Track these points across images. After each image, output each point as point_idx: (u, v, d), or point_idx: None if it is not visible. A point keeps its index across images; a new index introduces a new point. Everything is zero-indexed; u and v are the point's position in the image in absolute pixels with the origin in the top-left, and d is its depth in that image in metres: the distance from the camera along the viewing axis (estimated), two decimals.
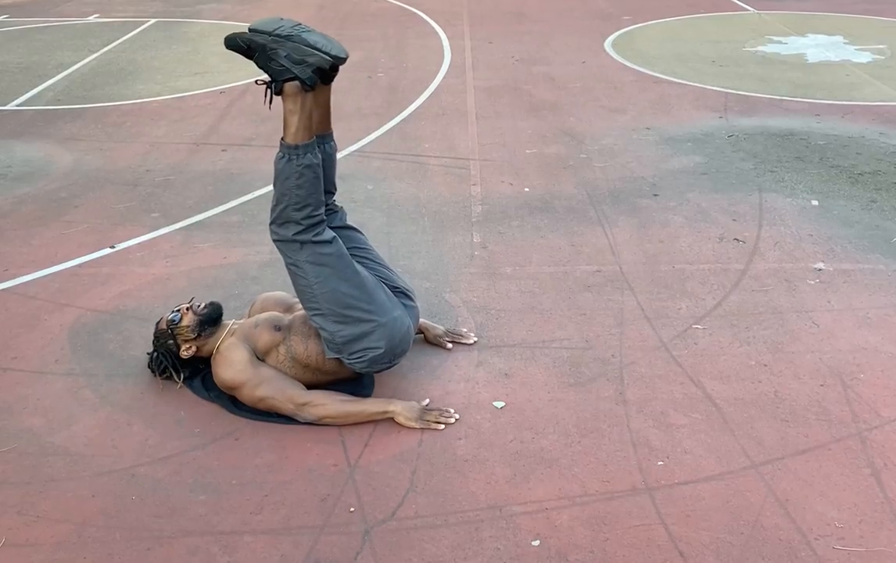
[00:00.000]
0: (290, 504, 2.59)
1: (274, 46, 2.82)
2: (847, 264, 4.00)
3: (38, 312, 3.68)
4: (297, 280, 2.96)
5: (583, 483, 2.65)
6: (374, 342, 2.95)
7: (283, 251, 2.95)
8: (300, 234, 2.89)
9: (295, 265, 2.93)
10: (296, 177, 2.86)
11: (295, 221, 2.88)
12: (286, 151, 2.88)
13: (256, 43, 2.83)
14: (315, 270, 2.90)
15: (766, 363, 3.25)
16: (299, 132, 2.87)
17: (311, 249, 2.90)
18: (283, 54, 2.81)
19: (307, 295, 2.94)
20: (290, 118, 2.87)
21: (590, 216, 4.56)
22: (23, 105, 6.69)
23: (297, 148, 2.87)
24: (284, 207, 2.88)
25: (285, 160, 2.88)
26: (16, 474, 2.73)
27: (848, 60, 7.65)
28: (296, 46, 2.82)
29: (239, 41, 2.85)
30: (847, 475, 2.67)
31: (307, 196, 2.88)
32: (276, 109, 6.79)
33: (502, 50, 8.22)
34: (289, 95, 2.86)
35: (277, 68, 2.84)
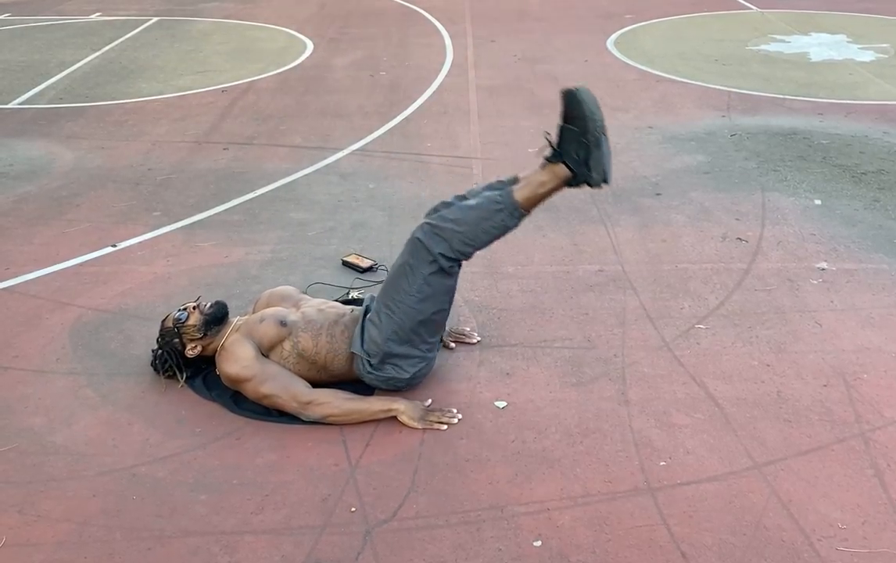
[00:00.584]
0: (291, 504, 2.58)
1: (588, 142, 2.84)
2: (850, 264, 3.98)
3: (39, 310, 3.68)
4: (400, 280, 2.95)
5: (585, 483, 2.64)
6: (408, 368, 2.99)
7: (413, 252, 2.93)
8: (444, 257, 2.90)
9: (412, 269, 2.92)
10: (493, 229, 2.91)
11: (451, 247, 2.90)
12: (511, 207, 2.90)
13: (583, 123, 2.84)
14: (423, 286, 2.91)
15: (769, 363, 3.24)
16: (530, 202, 2.92)
17: (436, 271, 2.91)
18: (586, 151, 2.84)
19: (396, 296, 2.94)
20: (536, 187, 2.91)
21: (592, 215, 4.55)
22: (24, 103, 6.69)
23: (518, 212, 2.91)
24: (456, 231, 2.89)
25: (498, 208, 2.89)
26: (17, 473, 2.73)
27: (851, 59, 7.64)
28: (598, 157, 2.86)
29: (581, 108, 2.84)
30: (850, 475, 2.66)
31: (479, 243, 2.94)
32: (277, 109, 6.80)
33: (504, 48, 8.21)
34: (554, 171, 2.89)
35: (573, 155, 2.86)
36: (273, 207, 4.72)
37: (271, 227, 4.46)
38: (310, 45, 8.44)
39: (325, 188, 4.96)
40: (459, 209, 2.95)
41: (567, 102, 2.88)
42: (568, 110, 2.88)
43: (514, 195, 2.91)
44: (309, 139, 5.80)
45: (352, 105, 6.53)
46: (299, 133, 5.93)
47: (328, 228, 4.45)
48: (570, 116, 2.87)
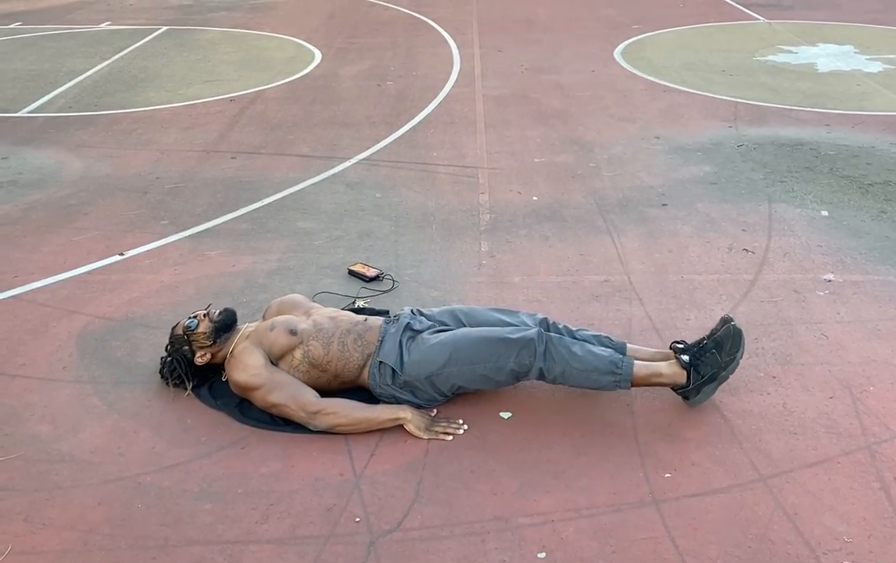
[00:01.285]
0: (295, 514, 2.58)
1: (717, 378, 2.94)
2: (857, 276, 3.97)
3: (46, 318, 3.69)
4: (485, 345, 2.97)
5: (590, 495, 2.64)
6: (423, 401, 3.01)
7: (521, 341, 2.94)
8: (538, 374, 2.95)
9: (505, 355, 2.95)
10: (593, 383, 2.96)
11: (549, 371, 2.94)
12: (624, 380, 2.94)
13: (729, 360, 2.93)
14: (497, 371, 2.96)
15: (775, 375, 3.23)
16: (639, 382, 2.98)
17: (518, 372, 2.97)
18: (712, 382, 2.94)
19: (471, 353, 2.96)
20: (652, 378, 2.99)
21: (598, 226, 4.55)
22: (34, 112, 6.73)
23: (626, 386, 2.96)
24: (566, 364, 2.93)
25: (613, 378, 2.95)
26: (23, 480, 2.74)
27: (858, 70, 7.63)
28: (712, 389, 2.97)
29: (737, 350, 2.94)
30: (856, 488, 2.65)
31: (570, 384, 2.98)
32: (285, 118, 6.83)
33: (511, 59, 8.23)
34: (675, 376, 2.98)
35: (701, 375, 2.95)
36: (280, 216, 4.73)
37: (278, 236, 4.48)
38: (318, 55, 8.48)
39: (332, 197, 4.98)
40: (581, 348, 2.95)
41: (729, 334, 2.95)
42: (724, 339, 2.95)
43: (633, 371, 2.94)
44: (316, 148, 5.82)
45: (359, 115, 6.55)
46: (307, 142, 5.95)
47: (335, 237, 4.46)
48: (722, 346, 2.93)
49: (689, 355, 2.98)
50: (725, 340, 2.94)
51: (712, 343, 2.96)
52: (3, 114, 6.68)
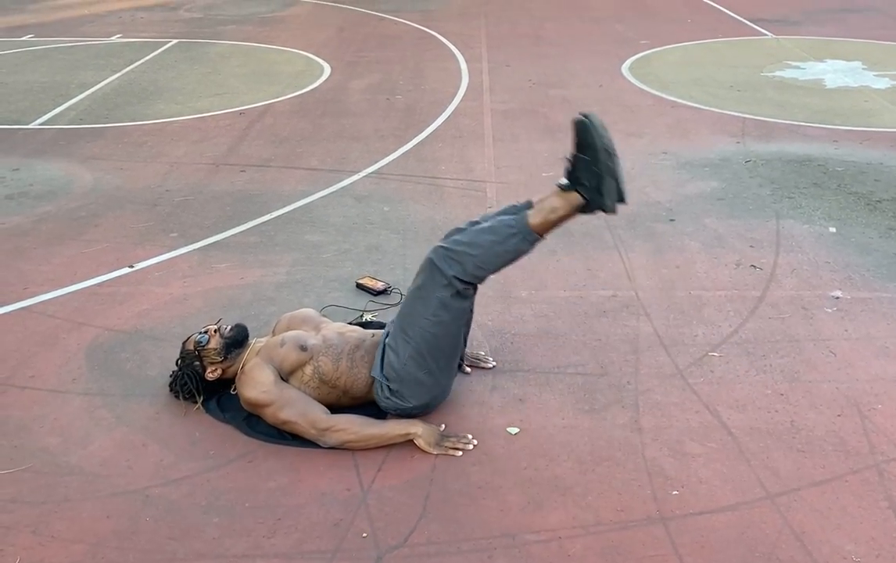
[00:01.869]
0: (302, 528, 2.59)
1: (600, 170, 2.87)
2: (865, 293, 3.97)
3: (56, 330, 3.72)
4: (415, 303, 2.97)
5: (597, 512, 2.64)
6: (419, 394, 3.00)
7: (428, 274, 2.96)
8: (458, 280, 2.92)
9: (426, 290, 2.94)
10: (504, 250, 2.93)
11: (465, 270, 2.91)
12: (521, 230, 2.92)
13: (594, 151, 2.87)
14: (438, 310, 2.93)
15: (783, 392, 3.23)
16: (542, 226, 2.94)
17: (451, 295, 2.93)
18: (599, 178, 2.87)
19: (411, 320, 2.96)
20: (550, 213, 2.93)
21: (606, 240, 4.56)
22: (45, 124, 6.78)
23: (532, 237, 2.93)
24: (471, 255, 2.91)
25: (512, 232, 2.92)
26: (31, 493, 2.75)
27: (867, 86, 7.63)
28: (611, 184, 2.90)
29: (590, 137, 2.87)
30: (864, 507, 2.64)
31: (492, 267, 2.95)
32: (294, 131, 6.86)
33: (519, 73, 8.25)
34: (567, 198, 2.92)
35: (586, 182, 2.89)
36: (289, 229, 4.76)
37: (287, 249, 4.50)
38: (327, 69, 8.52)
39: (341, 211, 5.00)
40: (473, 233, 2.97)
41: (578, 131, 2.91)
42: (579, 139, 2.91)
43: (527, 220, 2.93)
44: (325, 162, 5.85)
45: (368, 128, 6.58)
46: (315, 156, 5.98)
47: (343, 250, 4.48)
48: (582, 145, 2.90)
49: (567, 175, 2.93)
50: (581, 138, 2.88)
51: (575, 152, 2.91)
52: (15, 125, 6.73)
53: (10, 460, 2.90)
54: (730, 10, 11.59)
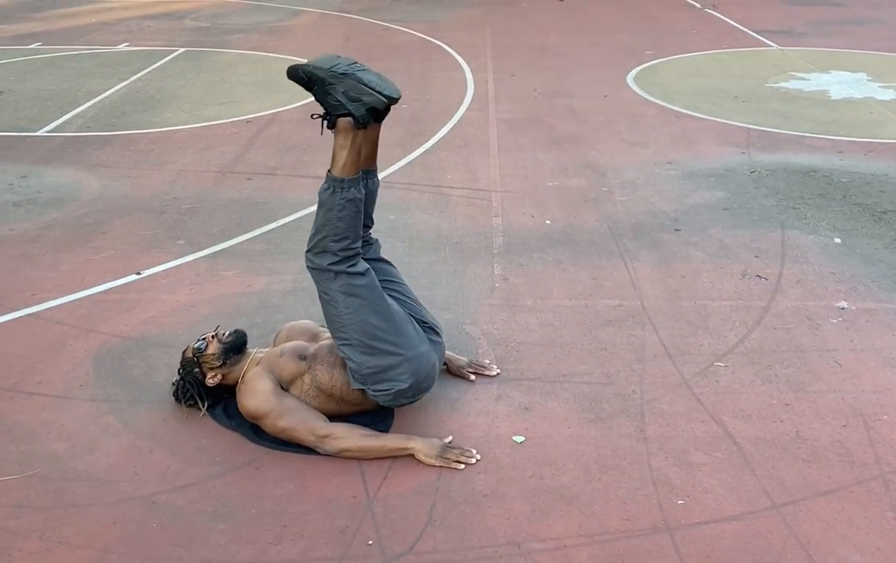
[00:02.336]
0: (308, 535, 2.60)
1: (332, 82, 2.90)
2: (870, 303, 3.97)
3: (63, 337, 3.73)
4: (327, 309, 3.00)
5: (602, 521, 2.64)
6: (400, 376, 2.98)
7: (317, 280, 3.01)
8: (335, 264, 2.94)
9: (326, 293, 2.98)
10: (338, 209, 2.93)
11: (332, 252, 2.94)
12: (332, 184, 2.95)
13: (316, 77, 2.91)
14: (346, 300, 2.95)
15: (788, 402, 3.23)
16: (346, 167, 2.95)
17: (344, 280, 2.95)
18: (340, 90, 2.89)
19: (336, 324, 2.98)
20: (340, 152, 2.95)
21: (611, 250, 4.57)
22: (53, 131, 6.82)
23: (342, 181, 2.95)
24: (323, 238, 2.95)
25: (329, 192, 2.95)
26: (39, 498, 2.76)
27: (871, 98, 7.63)
28: (353, 85, 2.90)
29: (300, 73, 2.94)
30: (870, 517, 2.64)
31: (346, 229, 2.95)
32: (301, 140, 6.89)
33: (525, 83, 8.28)
34: (341, 130, 2.95)
35: (334, 103, 2.92)
36: (295, 237, 4.77)
37: (293, 257, 4.51)
38: None
39: None
40: (314, 224, 3.01)
41: (294, 80, 2.98)
42: (301, 84, 2.96)
43: (333, 174, 2.97)
44: None
45: None
46: (322, 164, 5.93)
47: None
48: (305, 85, 2.95)
49: (322, 116, 2.97)
50: (301, 83, 2.93)
51: (311, 94, 2.94)
52: (23, 133, 6.77)
53: (17, 466, 2.91)
54: (735, 22, 11.62)
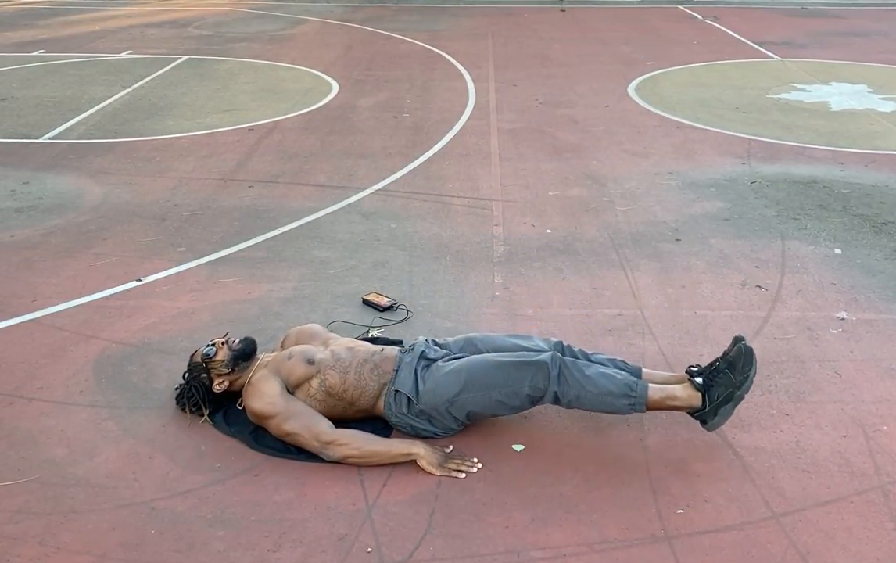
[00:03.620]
0: (307, 542, 2.59)
1: (733, 398, 2.94)
2: (870, 314, 3.97)
3: (64, 342, 3.74)
4: (500, 373, 2.97)
5: (602, 530, 2.64)
6: (437, 431, 3.04)
7: (534, 367, 2.95)
8: (553, 397, 2.95)
9: (519, 379, 2.96)
10: (608, 407, 2.96)
11: (564, 395, 2.94)
12: (639, 403, 2.94)
13: (742, 379, 2.93)
14: (513, 398, 2.96)
15: (788, 413, 3.23)
16: (655, 406, 2.98)
17: (536, 397, 2.98)
18: (728, 403, 2.93)
19: (485, 380, 2.97)
20: (667, 401, 2.97)
21: (612, 259, 4.57)
22: (55, 138, 6.84)
23: (640, 409, 2.96)
24: (581, 388, 2.93)
25: (628, 402, 2.94)
26: (38, 504, 2.76)
27: (872, 109, 7.65)
28: (730, 411, 2.95)
29: (750, 368, 2.94)
30: (870, 528, 2.64)
31: (586, 406, 2.98)
32: (302, 148, 6.89)
33: (526, 93, 8.30)
34: (690, 399, 2.96)
35: (717, 397, 2.94)
36: (296, 244, 4.78)
37: (294, 264, 4.52)
38: (335, 86, 8.58)
39: (348, 227, 5.03)
40: (595, 371, 2.96)
41: (741, 354, 2.96)
42: (736, 359, 2.95)
43: (647, 394, 2.95)
44: (332, 178, 5.88)
45: (375, 146, 6.61)
46: (323, 172, 6.01)
47: (349, 266, 4.50)
48: (734, 366, 2.94)
49: (703, 376, 2.98)
50: (737, 359, 2.95)
51: (725, 364, 2.97)
52: (26, 139, 6.79)
53: (16, 471, 2.91)
54: (736, 33, 11.65)
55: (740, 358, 2.94)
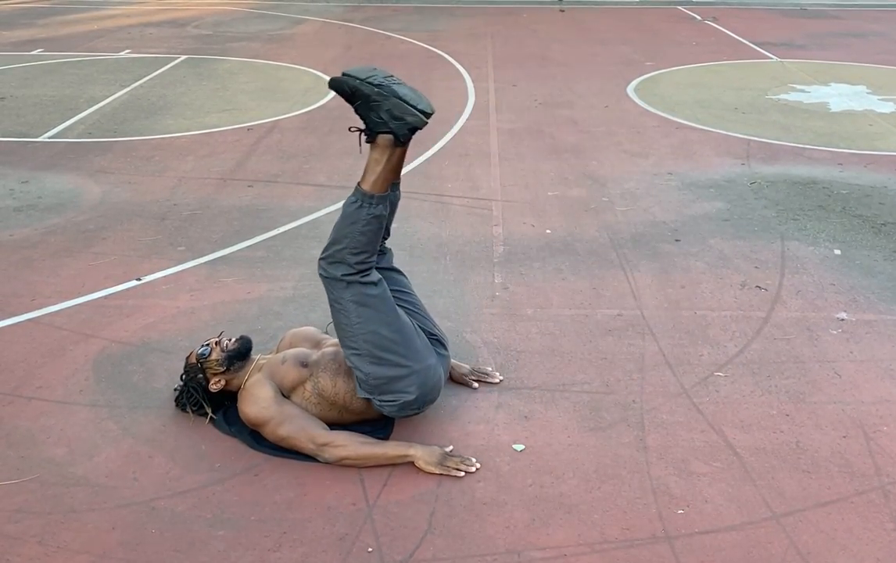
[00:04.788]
0: (308, 542, 2.59)
1: (377, 100, 2.90)
2: (870, 315, 3.97)
3: (63, 342, 3.73)
4: (337, 317, 3.00)
5: (602, 530, 2.64)
6: (407, 387, 2.98)
7: (328, 288, 3.01)
8: (349, 275, 2.94)
9: (338, 302, 2.98)
10: (362, 224, 2.93)
11: (348, 264, 2.94)
12: (361, 198, 2.94)
13: (361, 92, 2.91)
14: (357, 309, 2.95)
15: (788, 413, 3.23)
16: (378, 183, 2.96)
17: (356, 289, 2.95)
18: (384, 108, 2.89)
19: (346, 333, 2.98)
20: (374, 167, 2.95)
21: (611, 260, 4.57)
22: (55, 137, 6.83)
23: (372, 197, 2.94)
24: (341, 249, 2.94)
25: (357, 206, 2.94)
26: (38, 503, 2.76)
27: (871, 110, 7.66)
28: (397, 103, 2.89)
29: (345, 86, 2.94)
30: (870, 528, 2.64)
31: (367, 243, 2.95)
32: (301, 148, 6.89)
33: (526, 93, 8.30)
34: (379, 146, 2.95)
35: (376, 120, 2.91)
36: (296, 244, 4.78)
37: (294, 264, 4.52)
38: None
39: None
40: (333, 231, 3.00)
41: (337, 91, 2.98)
42: (343, 95, 2.97)
43: (363, 188, 2.95)
44: (332, 178, 5.88)
45: None
46: (323, 172, 6.01)
47: None
48: (348, 97, 2.95)
49: (362, 130, 2.96)
50: (344, 96, 2.95)
51: (352, 107, 2.94)
52: (25, 139, 6.78)
53: (16, 471, 2.91)
54: (735, 33, 11.66)
55: (341, 92, 2.94)
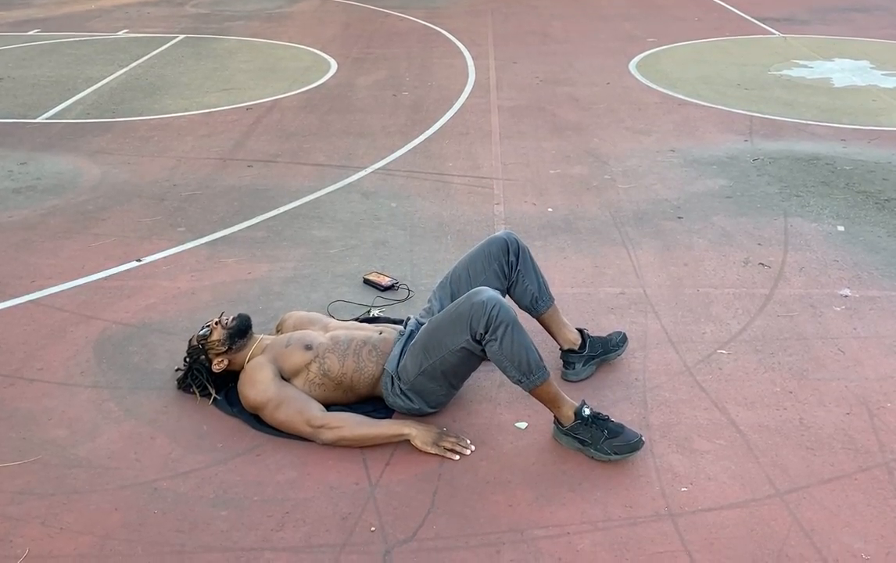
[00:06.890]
0: (311, 522, 2.59)
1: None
2: (874, 291, 3.96)
3: (64, 323, 3.72)
4: (447, 329, 2.88)
5: (605, 508, 2.63)
6: (428, 403, 3.02)
7: (472, 310, 2.82)
8: (472, 340, 2.86)
9: (461, 323, 2.84)
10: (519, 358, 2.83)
11: (478, 341, 2.85)
12: (533, 375, 2.84)
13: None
14: (464, 346, 2.86)
15: (792, 390, 3.22)
16: (538, 395, 2.91)
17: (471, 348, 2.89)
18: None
19: (438, 341, 2.89)
20: (546, 399, 2.91)
21: (613, 238, 4.55)
22: (52, 118, 6.79)
23: (527, 384, 2.86)
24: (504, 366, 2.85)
25: (517, 379, 2.85)
26: (40, 485, 2.76)
27: (874, 85, 7.60)
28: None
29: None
30: (874, 505, 2.64)
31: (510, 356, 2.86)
32: (301, 127, 6.85)
33: (527, 70, 8.24)
34: (561, 415, 2.92)
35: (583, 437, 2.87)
36: (296, 224, 4.76)
37: (294, 244, 4.50)
38: (334, 65, 8.52)
39: (348, 206, 5.00)
40: (521, 334, 2.84)
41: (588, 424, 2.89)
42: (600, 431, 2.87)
43: (541, 383, 2.85)
44: (332, 158, 5.84)
45: (375, 124, 6.57)
46: (322, 151, 5.97)
47: (350, 246, 4.48)
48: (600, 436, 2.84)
49: (581, 420, 2.86)
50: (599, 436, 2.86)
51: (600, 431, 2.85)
52: (22, 120, 6.74)
53: (18, 453, 2.90)
54: (737, 9, 11.57)
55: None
